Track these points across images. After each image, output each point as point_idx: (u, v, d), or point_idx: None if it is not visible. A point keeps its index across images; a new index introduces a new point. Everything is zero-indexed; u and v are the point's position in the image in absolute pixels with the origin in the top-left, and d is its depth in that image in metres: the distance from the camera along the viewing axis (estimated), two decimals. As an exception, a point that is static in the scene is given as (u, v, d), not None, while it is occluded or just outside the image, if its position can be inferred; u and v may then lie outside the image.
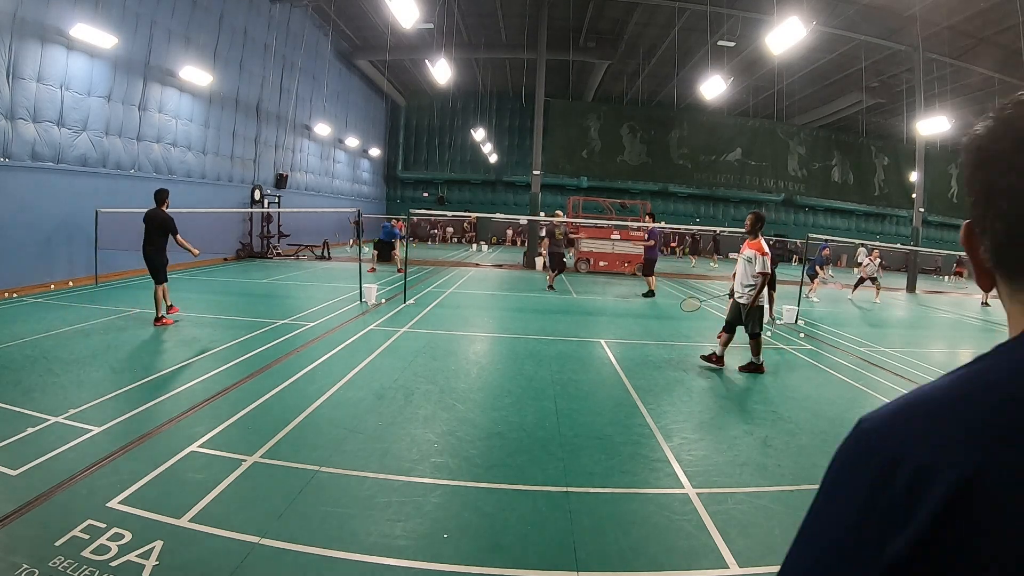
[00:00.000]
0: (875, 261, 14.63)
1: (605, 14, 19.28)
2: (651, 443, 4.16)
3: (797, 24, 10.74)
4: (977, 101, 20.75)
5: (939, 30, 16.35)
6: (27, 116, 9.54)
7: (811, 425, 4.72)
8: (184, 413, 4.23)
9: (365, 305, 9.50)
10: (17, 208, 9.42)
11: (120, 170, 11.83)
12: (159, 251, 7.21)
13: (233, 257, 16.78)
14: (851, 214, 33.58)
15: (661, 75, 24.33)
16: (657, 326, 9.45)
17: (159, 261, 7.23)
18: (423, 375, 5.59)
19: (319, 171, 23.30)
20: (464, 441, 4.00)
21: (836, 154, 21.80)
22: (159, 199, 7.28)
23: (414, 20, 11.68)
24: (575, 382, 5.65)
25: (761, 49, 16.22)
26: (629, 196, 28.58)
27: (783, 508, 3.24)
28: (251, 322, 7.81)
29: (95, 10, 10.44)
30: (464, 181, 33.35)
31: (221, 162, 15.82)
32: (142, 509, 2.85)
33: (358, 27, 21.49)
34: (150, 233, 7.20)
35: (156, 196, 7.29)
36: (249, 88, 16.84)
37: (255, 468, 3.41)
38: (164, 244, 7.24)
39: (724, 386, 5.86)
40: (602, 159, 20.47)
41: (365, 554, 2.60)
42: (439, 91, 27.13)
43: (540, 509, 3.12)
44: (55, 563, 2.39)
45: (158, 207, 7.24)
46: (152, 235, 7.18)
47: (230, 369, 5.46)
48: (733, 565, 2.65)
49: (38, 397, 4.42)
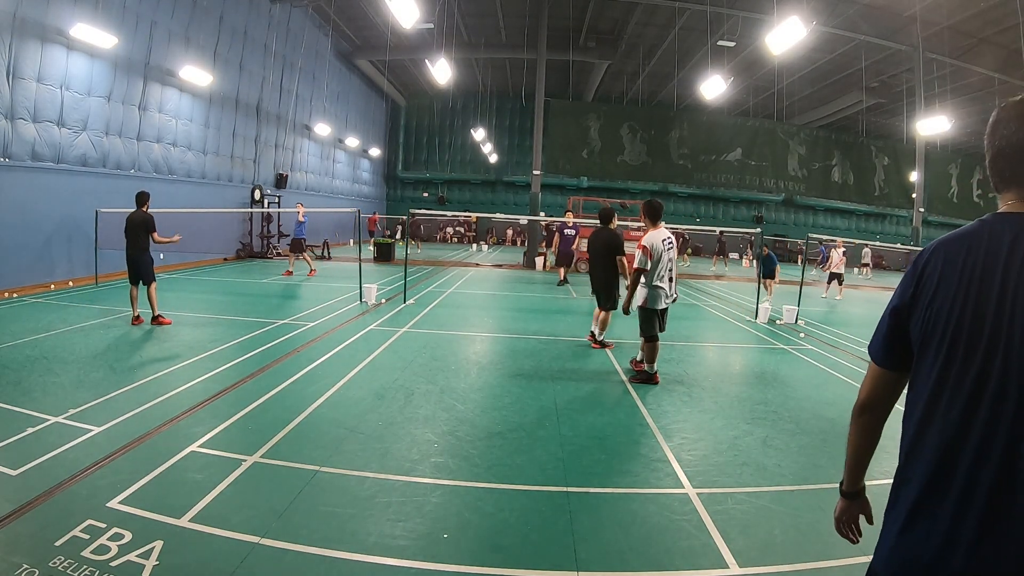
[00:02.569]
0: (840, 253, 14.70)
1: (605, 14, 19.28)
2: (651, 443, 4.16)
3: (797, 24, 10.73)
4: (977, 101, 20.74)
5: (939, 30, 16.34)
6: (27, 116, 9.54)
7: (811, 425, 4.72)
8: (184, 413, 4.23)
9: (365, 305, 9.49)
10: (17, 208, 9.42)
11: (120, 170, 11.83)
12: (144, 251, 7.23)
13: (233, 257, 16.78)
14: (851, 214, 33.57)
15: (661, 75, 24.33)
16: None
17: (146, 260, 7.25)
18: (423, 375, 5.59)
19: (319, 171, 23.30)
20: (464, 441, 4.00)
21: (836, 154, 21.76)
22: (140, 201, 7.30)
23: (414, 20, 11.67)
24: (575, 382, 5.65)
25: (761, 49, 16.23)
26: (629, 196, 28.55)
27: (783, 508, 3.24)
28: (251, 322, 7.81)
29: (95, 10, 10.44)
30: (464, 181, 33.34)
31: (221, 162, 15.82)
32: (142, 509, 2.85)
33: (358, 27, 21.49)
34: (135, 235, 7.20)
35: (138, 198, 7.32)
36: (249, 88, 16.84)
37: (255, 468, 3.41)
38: (148, 244, 7.27)
39: (724, 386, 5.86)
40: (602, 159, 20.44)
41: (365, 554, 2.60)
42: (439, 91, 27.13)
43: (540, 509, 3.11)
44: (55, 563, 2.39)
45: (139, 209, 7.27)
46: (137, 236, 7.19)
47: (230, 369, 5.46)
48: (733, 565, 2.64)
49: (38, 397, 4.41)
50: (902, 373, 1.27)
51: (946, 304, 1.11)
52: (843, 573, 2.63)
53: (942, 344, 1.11)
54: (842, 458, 1.49)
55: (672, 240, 5.58)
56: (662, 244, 5.45)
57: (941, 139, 21.78)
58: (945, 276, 1.13)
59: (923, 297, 1.16)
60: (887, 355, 1.27)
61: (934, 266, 1.16)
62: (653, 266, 5.42)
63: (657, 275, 5.46)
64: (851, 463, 1.42)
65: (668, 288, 5.54)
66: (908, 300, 1.20)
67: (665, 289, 5.50)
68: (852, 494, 1.44)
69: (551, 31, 18.98)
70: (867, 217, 33.79)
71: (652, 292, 5.48)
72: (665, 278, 5.50)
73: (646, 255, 5.38)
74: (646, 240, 5.42)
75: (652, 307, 5.49)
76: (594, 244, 7.02)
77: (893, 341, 1.25)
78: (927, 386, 1.14)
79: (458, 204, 32.79)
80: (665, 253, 5.45)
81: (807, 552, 2.78)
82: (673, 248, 5.55)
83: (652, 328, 5.54)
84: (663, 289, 5.49)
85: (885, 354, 1.28)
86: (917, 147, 19.27)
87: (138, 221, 7.20)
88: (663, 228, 5.58)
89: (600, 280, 6.96)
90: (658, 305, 5.50)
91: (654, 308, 5.49)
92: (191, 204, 13.70)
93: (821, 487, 3.50)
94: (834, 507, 1.49)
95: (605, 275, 6.88)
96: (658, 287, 5.47)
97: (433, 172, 33.36)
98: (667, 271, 5.49)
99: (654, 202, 5.68)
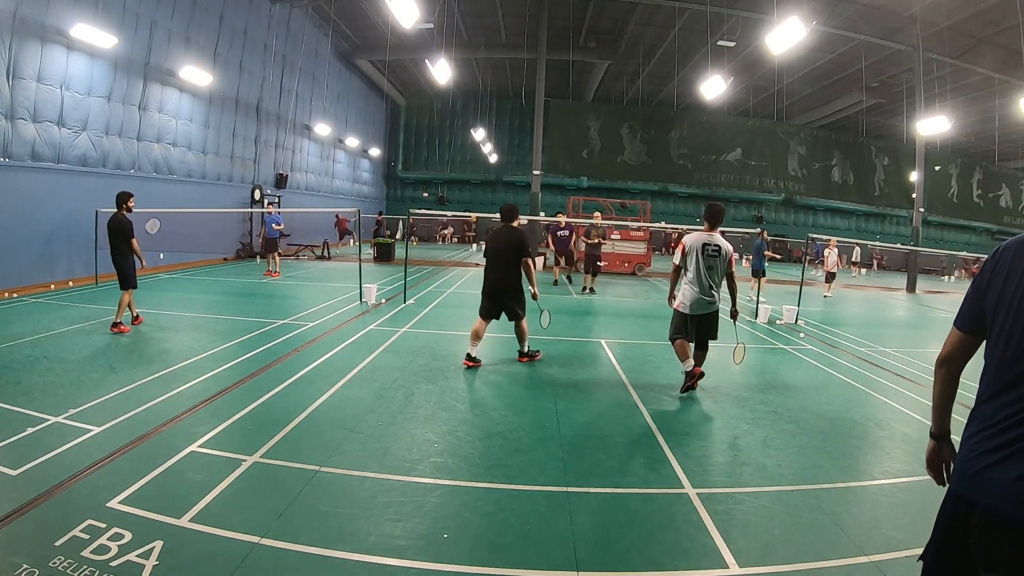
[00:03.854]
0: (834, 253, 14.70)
1: (605, 14, 19.28)
2: (651, 443, 4.16)
3: (797, 24, 10.74)
4: (977, 101, 20.76)
5: (939, 30, 16.35)
6: (27, 116, 9.55)
7: (811, 425, 4.71)
8: (184, 413, 4.23)
9: (365, 305, 9.49)
10: (17, 208, 9.42)
11: (120, 170, 11.84)
12: (123, 256, 6.97)
13: (233, 257, 16.78)
14: (851, 214, 33.61)
15: (661, 75, 24.34)
16: (657, 326, 9.43)
17: (124, 265, 6.96)
18: (423, 375, 5.59)
19: (319, 171, 23.30)
20: (464, 441, 4.00)
21: (836, 154, 21.77)
22: (120, 202, 7.01)
23: (414, 20, 11.68)
24: (575, 382, 5.65)
25: (761, 49, 16.23)
26: (629, 196, 28.58)
27: (783, 508, 3.24)
28: (251, 322, 7.81)
29: (95, 10, 10.44)
30: (464, 181, 33.34)
31: (221, 162, 15.82)
32: (142, 509, 2.85)
33: (358, 27, 21.49)
34: (113, 238, 6.97)
35: (117, 199, 7.02)
36: (249, 88, 16.84)
37: (255, 468, 3.41)
38: (126, 249, 7.00)
39: (724, 386, 5.85)
40: (602, 159, 20.44)
41: (365, 554, 2.60)
42: (439, 91, 27.14)
43: (540, 509, 3.11)
44: (55, 563, 2.39)
45: (119, 211, 7.00)
46: (113, 240, 6.97)
47: (230, 369, 5.46)
48: (733, 565, 2.65)
49: (38, 397, 4.41)
50: (976, 337, 1.62)
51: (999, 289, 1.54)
52: (843, 573, 2.63)
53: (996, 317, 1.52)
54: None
55: (719, 248, 5.26)
56: (701, 247, 5.20)
57: (941, 139, 21.78)
58: (1008, 268, 1.52)
59: (994, 281, 1.54)
60: (965, 321, 1.64)
61: (1004, 259, 1.53)
62: (687, 266, 5.25)
63: (689, 277, 5.25)
64: (936, 409, 1.74)
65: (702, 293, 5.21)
66: (984, 282, 1.57)
67: (697, 293, 5.21)
68: (939, 436, 1.74)
69: (551, 31, 18.97)
70: (867, 217, 33.82)
71: (684, 294, 5.29)
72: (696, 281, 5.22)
73: (680, 252, 5.31)
74: (686, 238, 5.33)
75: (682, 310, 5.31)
76: (497, 244, 6.10)
77: (972, 311, 1.61)
78: (994, 348, 1.52)
79: (458, 204, 32.78)
80: (702, 257, 5.19)
81: (807, 552, 2.78)
82: (719, 258, 5.24)
83: (674, 330, 5.38)
84: (694, 292, 5.22)
85: (963, 321, 1.65)
86: (917, 147, 19.27)
87: (114, 227, 6.95)
88: (716, 235, 5.31)
89: (504, 283, 6.02)
90: (687, 310, 5.26)
91: (683, 312, 5.30)
92: (191, 204, 13.71)
93: (821, 487, 3.50)
94: (927, 450, 1.77)
95: (510, 279, 6.03)
96: (692, 290, 5.23)
97: (433, 172, 33.37)
98: (705, 277, 5.19)
99: (715, 205, 5.38)
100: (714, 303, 5.30)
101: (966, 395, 1.67)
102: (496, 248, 6.08)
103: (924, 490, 3.62)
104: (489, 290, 6.10)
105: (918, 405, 5.51)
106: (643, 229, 18.56)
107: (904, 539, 2.93)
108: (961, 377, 1.69)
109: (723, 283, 5.37)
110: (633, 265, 18.27)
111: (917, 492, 3.55)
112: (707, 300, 5.24)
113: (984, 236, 33.74)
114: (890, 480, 3.71)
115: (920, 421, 5.03)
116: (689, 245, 5.26)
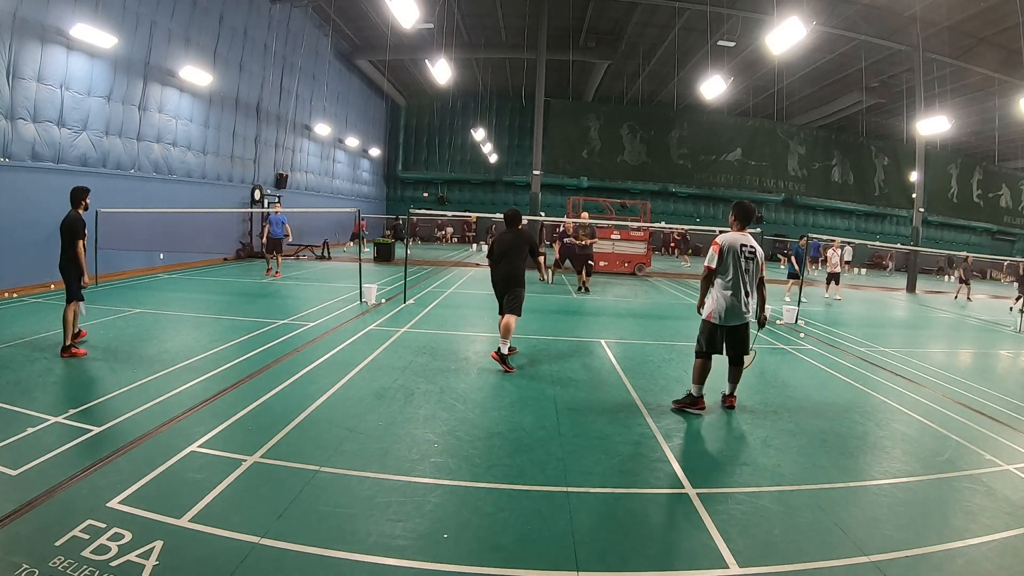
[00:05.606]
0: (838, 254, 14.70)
1: (605, 14, 19.28)
2: (651, 443, 4.16)
3: (797, 24, 10.74)
4: (977, 101, 20.77)
5: (939, 30, 16.35)
6: (27, 116, 9.54)
7: (811, 425, 4.71)
8: (184, 413, 4.23)
9: (365, 305, 9.49)
10: (17, 208, 9.42)
11: (120, 170, 11.83)
12: (71, 260, 5.75)
13: (233, 257, 16.78)
14: (851, 214, 33.60)
15: (661, 75, 24.34)
16: (657, 326, 9.45)
17: (70, 272, 5.77)
18: (423, 375, 5.59)
19: (319, 171, 23.30)
20: (464, 441, 4.00)
21: (836, 154, 21.75)
22: (74, 200, 5.88)
23: (414, 20, 11.68)
24: (575, 382, 5.65)
25: (761, 49, 16.24)
26: (629, 196, 28.58)
27: (783, 508, 3.24)
28: (251, 322, 7.80)
29: (95, 10, 10.44)
30: (464, 181, 33.34)
31: (221, 162, 15.82)
32: (142, 509, 2.85)
33: (358, 27, 21.49)
34: (62, 239, 5.75)
35: (71, 196, 5.89)
36: (249, 88, 16.84)
37: (255, 468, 3.41)
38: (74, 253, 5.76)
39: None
40: (602, 159, 20.43)
41: (365, 554, 2.60)
42: (439, 91, 27.12)
43: (540, 509, 3.11)
44: (55, 563, 2.39)
45: (73, 209, 5.84)
46: (63, 242, 5.75)
47: (230, 369, 5.46)
48: (733, 565, 2.64)
49: (38, 397, 4.42)
50: None
51: None
52: (843, 573, 2.63)
53: None
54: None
55: (755, 250, 4.85)
56: (739, 248, 4.75)
57: (941, 139, 21.78)
58: None
59: None
60: None
61: None
62: (722, 269, 4.75)
63: (725, 281, 4.76)
64: None
65: (738, 301, 4.75)
66: None
67: (732, 300, 4.74)
68: None
69: (551, 31, 18.98)
70: (867, 217, 33.82)
71: (718, 301, 4.78)
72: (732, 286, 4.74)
73: (716, 253, 4.75)
74: (721, 238, 4.80)
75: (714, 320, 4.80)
76: (503, 246, 6.22)
77: None
78: None
79: (458, 204, 32.78)
80: (742, 259, 4.74)
81: (807, 552, 2.78)
82: (754, 261, 4.81)
83: (705, 344, 4.85)
84: (730, 300, 4.74)
85: None
86: (917, 147, 19.28)
87: (63, 227, 5.74)
88: (747, 234, 4.90)
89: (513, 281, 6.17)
90: (720, 320, 4.77)
91: (714, 323, 4.79)
92: (191, 204, 13.71)
93: (821, 487, 3.49)
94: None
95: (516, 275, 6.18)
96: (726, 296, 4.75)
97: (433, 172, 33.37)
98: (741, 282, 4.74)
99: (745, 203, 4.94)
100: (748, 313, 4.83)
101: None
102: (503, 250, 6.30)
103: (924, 490, 3.62)
104: (500, 280, 6.34)
105: (918, 405, 5.51)
106: (643, 229, 18.57)
107: (904, 539, 2.93)
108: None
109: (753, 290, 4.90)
110: (633, 265, 18.28)
111: (917, 492, 3.55)
112: (742, 309, 4.77)
113: (984, 236, 33.75)
114: (890, 480, 3.71)
115: (920, 421, 5.03)
116: (727, 245, 4.74)
